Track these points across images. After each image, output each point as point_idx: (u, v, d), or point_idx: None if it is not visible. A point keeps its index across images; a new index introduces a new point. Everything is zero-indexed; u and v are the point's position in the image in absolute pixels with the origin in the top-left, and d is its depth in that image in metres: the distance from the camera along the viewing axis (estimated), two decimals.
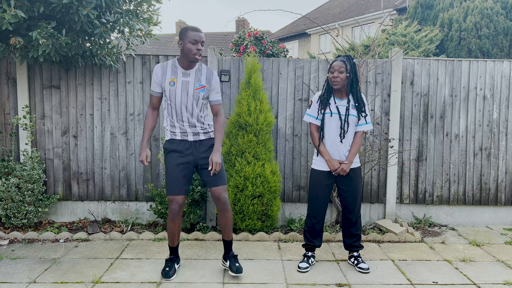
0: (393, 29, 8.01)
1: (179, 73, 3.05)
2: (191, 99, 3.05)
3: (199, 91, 3.07)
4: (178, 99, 3.04)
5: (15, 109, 4.44)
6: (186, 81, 3.05)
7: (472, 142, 4.64)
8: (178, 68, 3.06)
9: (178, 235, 3.28)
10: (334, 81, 3.24)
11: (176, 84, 3.03)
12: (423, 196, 4.68)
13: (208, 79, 3.11)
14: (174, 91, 3.03)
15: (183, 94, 3.04)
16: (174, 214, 3.14)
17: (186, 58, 3.02)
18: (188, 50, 2.96)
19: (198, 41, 2.96)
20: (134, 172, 4.56)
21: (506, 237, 4.32)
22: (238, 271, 3.19)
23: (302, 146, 4.57)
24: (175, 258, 3.34)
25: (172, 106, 3.06)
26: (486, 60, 4.61)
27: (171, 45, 25.26)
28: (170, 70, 3.06)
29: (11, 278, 3.18)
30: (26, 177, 4.14)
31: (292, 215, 4.63)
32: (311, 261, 3.47)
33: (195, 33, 2.96)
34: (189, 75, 3.06)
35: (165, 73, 3.05)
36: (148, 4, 4.10)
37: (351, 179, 3.35)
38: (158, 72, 3.06)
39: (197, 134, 3.12)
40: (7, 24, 3.24)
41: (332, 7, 22.85)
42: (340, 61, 3.24)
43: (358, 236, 3.47)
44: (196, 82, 3.06)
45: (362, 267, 3.38)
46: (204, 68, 3.13)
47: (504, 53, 7.20)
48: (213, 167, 3.00)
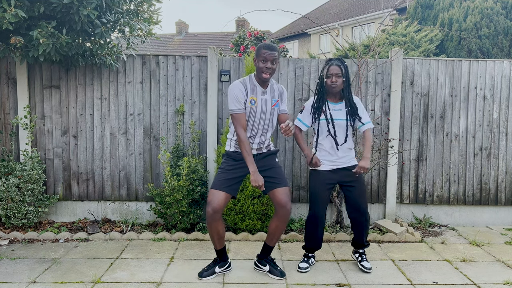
0: (393, 29, 8.01)
1: (259, 92, 3.08)
2: (269, 116, 3.11)
3: (275, 107, 3.15)
4: (257, 117, 3.07)
5: (15, 109, 4.44)
6: (265, 99, 3.09)
7: (472, 142, 4.64)
8: (257, 87, 3.08)
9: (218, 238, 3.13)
10: (333, 86, 3.24)
11: (256, 102, 3.06)
12: (423, 196, 4.68)
13: (280, 94, 3.19)
14: (255, 109, 3.05)
15: (262, 112, 3.08)
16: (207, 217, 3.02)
17: (258, 76, 3.05)
18: (259, 68, 3.00)
19: (267, 59, 2.96)
20: (134, 172, 4.56)
21: (506, 237, 4.32)
22: (282, 274, 3.21)
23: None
24: (218, 260, 3.26)
25: (250, 123, 3.07)
26: (486, 60, 4.61)
27: (171, 45, 25.27)
28: (250, 88, 3.06)
29: (11, 278, 3.18)
30: (26, 177, 4.14)
31: (292, 215, 4.63)
32: (311, 261, 3.46)
33: (265, 51, 2.96)
34: (266, 94, 3.11)
35: (247, 91, 3.04)
36: (148, 4, 4.10)
37: (356, 178, 3.34)
38: (242, 90, 3.02)
39: (261, 148, 3.15)
40: (8, 23, 3.23)
41: (332, 7, 22.85)
42: (336, 66, 3.23)
43: (366, 234, 3.46)
44: (272, 99, 3.13)
45: (365, 265, 3.38)
46: (275, 83, 3.21)
47: (504, 53, 7.20)
48: (286, 126, 2.83)
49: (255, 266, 3.36)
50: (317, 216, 3.32)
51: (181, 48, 24.31)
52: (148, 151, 4.55)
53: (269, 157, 3.19)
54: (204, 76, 4.50)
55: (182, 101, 4.52)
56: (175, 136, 4.52)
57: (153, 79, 4.50)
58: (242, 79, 3.12)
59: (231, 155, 3.14)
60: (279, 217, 3.10)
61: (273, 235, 3.19)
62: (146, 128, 4.52)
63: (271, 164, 3.17)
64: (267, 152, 3.19)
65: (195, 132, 4.48)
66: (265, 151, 3.18)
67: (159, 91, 4.50)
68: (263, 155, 3.17)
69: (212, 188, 3.05)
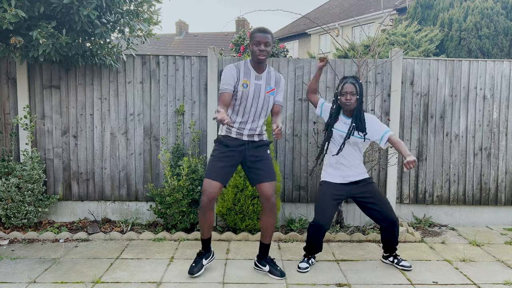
0: (393, 29, 8.01)
1: (252, 76, 3.09)
2: (262, 102, 3.11)
3: (270, 94, 3.14)
4: (249, 102, 3.07)
5: (15, 109, 4.44)
6: (259, 84, 3.09)
7: (472, 142, 4.64)
8: (252, 71, 3.09)
9: (207, 228, 3.20)
10: (347, 104, 3.28)
11: (249, 86, 3.06)
12: (423, 196, 4.68)
13: (277, 82, 3.19)
14: (247, 93, 3.05)
15: (255, 96, 3.08)
16: (202, 205, 3.08)
17: (253, 59, 3.07)
18: (253, 51, 3.03)
19: (260, 42, 2.99)
20: (134, 172, 4.56)
21: (506, 237, 4.32)
22: (282, 274, 3.22)
23: (302, 146, 4.57)
24: (204, 253, 3.28)
25: (240, 107, 3.07)
26: (486, 60, 4.61)
27: (171, 45, 25.27)
28: (243, 71, 3.08)
29: (11, 278, 3.18)
30: (26, 177, 4.14)
31: (292, 215, 4.63)
32: (311, 262, 3.47)
33: (258, 34, 3.00)
34: (261, 79, 3.11)
35: (240, 74, 3.06)
36: (148, 5, 4.11)
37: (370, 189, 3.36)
38: (234, 71, 3.06)
39: (252, 135, 3.15)
40: (8, 23, 3.24)
41: (332, 7, 22.86)
42: (351, 84, 3.28)
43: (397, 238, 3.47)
44: (267, 85, 3.12)
45: (405, 264, 3.42)
46: (272, 71, 3.20)
47: (504, 53, 7.20)
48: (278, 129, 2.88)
49: (255, 266, 3.36)
50: (322, 226, 3.29)
51: (181, 48, 24.32)
52: (148, 151, 4.55)
53: (261, 148, 3.19)
54: (204, 76, 4.50)
55: (182, 101, 4.52)
56: (175, 136, 4.52)
57: (153, 79, 4.50)
58: (237, 62, 3.14)
59: (223, 141, 3.13)
60: (265, 210, 3.17)
61: (265, 231, 3.23)
62: (146, 128, 4.53)
63: (262, 155, 3.18)
64: (259, 141, 3.18)
65: (195, 132, 4.48)
66: (257, 140, 3.16)
67: (159, 91, 4.50)
68: (256, 145, 3.16)
69: (207, 177, 3.08)
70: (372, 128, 3.36)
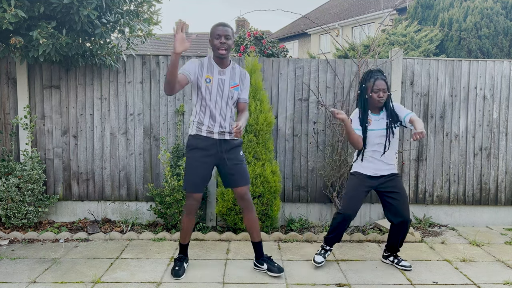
0: (393, 29, 8.01)
1: (215, 71, 3.08)
2: (226, 98, 3.09)
3: (234, 89, 3.12)
4: (213, 97, 3.06)
5: (15, 109, 4.44)
6: (222, 79, 3.09)
7: (472, 142, 4.64)
8: (214, 66, 3.09)
9: (190, 233, 3.31)
10: (381, 101, 3.24)
11: (212, 81, 3.06)
12: (423, 196, 4.68)
13: (241, 78, 3.18)
14: (210, 88, 3.05)
15: (218, 92, 3.07)
16: (191, 210, 3.19)
17: (214, 54, 3.07)
18: (213, 45, 3.03)
19: (221, 35, 2.99)
20: (134, 172, 4.56)
21: (506, 237, 4.32)
22: (280, 270, 3.23)
23: (302, 146, 4.57)
24: (184, 257, 3.34)
25: (207, 103, 3.07)
26: (486, 60, 4.61)
27: (171, 45, 25.23)
28: (206, 67, 3.08)
29: (11, 278, 3.18)
30: (26, 177, 4.14)
31: (292, 215, 4.63)
32: (327, 255, 3.48)
33: (218, 28, 3.01)
34: (224, 74, 3.10)
35: (203, 68, 3.07)
36: (148, 5, 4.11)
37: (397, 184, 3.34)
38: (196, 63, 3.06)
39: (223, 133, 3.13)
40: (8, 23, 3.24)
41: (332, 7, 22.85)
42: (382, 80, 3.23)
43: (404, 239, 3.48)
44: (231, 80, 3.11)
45: (405, 264, 3.43)
46: (237, 67, 3.19)
47: (504, 53, 7.20)
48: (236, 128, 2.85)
49: (254, 266, 3.37)
50: (350, 216, 3.30)
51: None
52: (148, 151, 4.55)
53: (235, 150, 3.19)
54: None
55: (182, 101, 4.52)
56: (175, 136, 4.52)
57: (153, 79, 4.50)
58: (201, 58, 3.15)
59: (194, 145, 3.11)
60: (244, 208, 3.23)
61: (251, 229, 3.26)
62: (146, 128, 4.53)
63: (237, 159, 3.18)
64: (231, 141, 3.17)
65: None
66: (228, 139, 3.15)
67: (159, 91, 4.50)
68: (229, 146, 3.15)
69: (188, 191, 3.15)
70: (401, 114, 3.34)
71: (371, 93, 3.25)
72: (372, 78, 3.25)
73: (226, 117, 3.12)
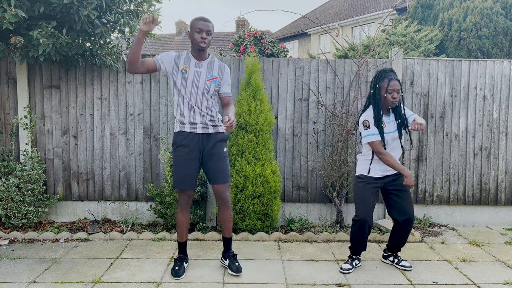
0: (393, 29, 8.01)
1: (192, 63, 3.10)
2: (202, 89, 3.09)
3: (211, 82, 3.12)
4: (188, 88, 3.08)
5: (15, 109, 4.44)
6: (198, 71, 3.10)
7: (472, 142, 4.64)
8: (191, 59, 3.11)
9: (186, 229, 3.31)
10: (395, 102, 3.22)
11: (188, 72, 3.07)
12: (423, 196, 4.68)
13: (220, 71, 3.18)
14: (186, 79, 3.07)
15: (194, 83, 3.08)
16: (183, 206, 3.22)
17: (193, 47, 3.09)
18: (194, 39, 3.04)
19: (202, 30, 3.01)
20: (134, 172, 4.56)
21: (506, 237, 4.32)
22: (238, 270, 3.22)
23: (302, 146, 4.57)
24: (184, 257, 3.34)
25: (184, 95, 3.09)
26: (486, 60, 4.61)
27: (171, 45, 25.27)
28: (183, 59, 3.11)
29: (11, 278, 3.18)
30: (26, 177, 4.14)
31: (292, 215, 4.63)
32: (355, 263, 3.44)
33: (200, 22, 3.02)
34: (201, 66, 3.11)
35: (179, 60, 3.09)
36: (148, 4, 4.11)
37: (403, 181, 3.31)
38: (173, 55, 3.10)
39: (206, 127, 3.14)
40: (8, 23, 3.24)
41: (332, 7, 22.85)
42: (396, 81, 3.20)
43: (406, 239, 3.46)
44: (207, 73, 3.12)
45: (405, 264, 3.43)
46: (216, 61, 3.20)
47: (504, 53, 7.20)
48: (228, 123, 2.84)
49: (220, 260, 3.44)
50: (366, 221, 3.27)
51: (181, 48, 24.31)
52: (148, 151, 4.55)
53: (219, 145, 3.19)
54: None
55: None
56: None
57: (153, 79, 4.50)
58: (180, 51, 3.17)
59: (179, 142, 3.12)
60: (220, 205, 3.27)
61: (224, 225, 3.31)
62: (146, 128, 4.52)
63: (219, 154, 3.17)
64: (215, 134, 3.17)
65: None
66: (212, 132, 3.16)
67: (159, 91, 4.50)
68: (214, 140, 3.16)
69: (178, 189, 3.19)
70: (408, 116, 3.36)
71: (385, 93, 3.21)
72: (386, 78, 3.22)
73: (204, 109, 3.12)
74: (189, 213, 3.30)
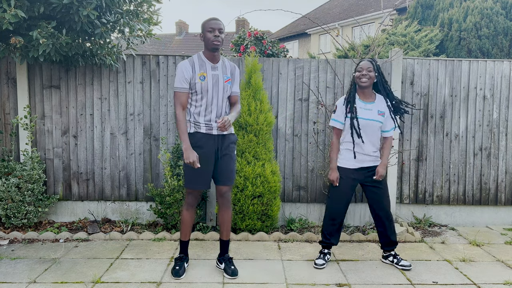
0: (393, 29, 8.01)
1: (208, 67, 3.09)
2: (222, 92, 3.11)
3: (228, 83, 3.14)
4: (210, 93, 3.07)
5: (15, 109, 4.44)
6: (216, 74, 3.10)
7: (472, 142, 4.64)
8: (206, 62, 3.10)
9: (191, 228, 3.30)
10: (363, 79, 3.25)
11: (206, 78, 3.06)
12: (423, 196, 4.68)
13: (232, 71, 3.20)
14: (206, 85, 3.05)
15: (214, 87, 3.07)
16: (190, 205, 3.22)
17: (207, 48, 3.07)
18: (207, 39, 3.03)
19: (215, 29, 3.01)
20: (134, 172, 4.56)
21: (506, 237, 4.32)
22: (233, 273, 3.21)
23: (302, 146, 4.57)
24: (185, 256, 3.34)
25: (203, 100, 3.07)
26: (486, 60, 4.61)
27: (171, 45, 25.26)
28: (198, 65, 3.08)
29: (11, 278, 3.18)
30: (26, 177, 4.14)
31: (292, 215, 4.63)
32: (327, 258, 3.49)
33: (212, 22, 3.02)
34: (217, 69, 3.12)
35: (194, 69, 3.07)
36: (148, 5, 4.10)
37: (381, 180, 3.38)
38: (189, 68, 3.05)
39: None
40: (7, 23, 3.23)
41: (332, 7, 22.85)
42: (367, 61, 3.29)
43: (394, 232, 3.48)
44: (224, 75, 3.13)
45: (404, 264, 3.43)
46: (226, 61, 3.22)
47: (504, 53, 7.20)
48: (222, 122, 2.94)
49: (216, 263, 3.42)
50: (337, 214, 3.36)
51: (181, 48, 24.31)
52: (148, 151, 4.55)
53: (232, 146, 3.21)
54: None
55: None
56: (175, 136, 4.52)
57: (153, 79, 4.50)
58: (190, 57, 3.15)
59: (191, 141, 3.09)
60: (221, 205, 3.26)
61: (222, 227, 3.30)
62: (146, 128, 4.52)
63: (230, 155, 3.20)
64: (229, 136, 3.18)
65: None
66: (226, 133, 3.17)
67: (159, 91, 4.50)
68: (227, 140, 3.17)
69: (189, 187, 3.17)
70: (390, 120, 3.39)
71: (354, 73, 3.32)
72: (358, 62, 3.35)
73: (223, 111, 3.14)
74: (195, 213, 3.29)
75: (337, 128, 3.39)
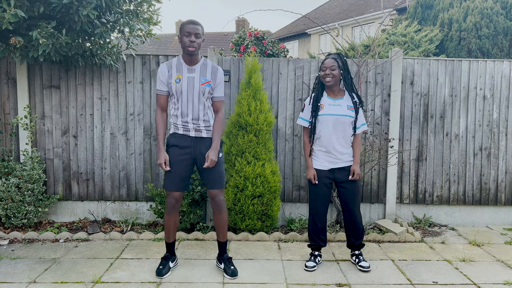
0: (393, 29, 8.01)
1: (184, 70, 3.09)
2: (197, 95, 3.08)
3: (205, 86, 3.10)
4: (184, 95, 3.07)
5: (15, 109, 4.44)
6: (192, 77, 3.08)
7: (472, 142, 4.64)
8: (183, 65, 3.10)
9: (174, 231, 3.30)
10: (327, 78, 3.28)
11: (182, 80, 3.06)
12: (423, 196, 4.68)
13: (213, 74, 3.14)
14: (180, 87, 3.06)
15: (189, 90, 3.06)
16: (170, 208, 3.21)
17: (184, 52, 3.07)
18: (183, 42, 3.02)
19: (191, 33, 2.98)
20: (134, 172, 4.56)
21: (506, 237, 4.32)
22: (233, 274, 3.21)
23: (302, 146, 4.57)
24: (169, 256, 3.34)
25: (178, 102, 3.09)
26: (486, 60, 4.61)
27: (171, 45, 25.26)
28: (175, 67, 3.09)
29: (11, 278, 3.18)
30: (26, 177, 4.14)
31: (292, 215, 4.63)
32: (318, 260, 3.48)
33: (188, 26, 3.00)
34: (194, 71, 3.09)
35: (171, 71, 3.08)
36: (148, 4, 4.10)
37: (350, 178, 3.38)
38: (164, 71, 3.08)
39: (199, 130, 3.14)
40: (7, 23, 3.23)
41: (332, 7, 22.85)
42: (331, 59, 3.30)
43: (359, 234, 3.47)
44: (201, 77, 3.10)
45: (362, 265, 3.39)
46: (209, 63, 3.16)
47: (504, 53, 7.20)
48: (208, 163, 3.04)
49: (216, 263, 3.42)
50: (318, 214, 3.39)
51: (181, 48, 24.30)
52: (148, 151, 4.55)
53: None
54: None
55: None
56: None
57: (153, 79, 4.50)
58: (170, 60, 3.18)
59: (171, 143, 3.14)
60: (214, 208, 3.25)
61: (218, 229, 3.29)
62: (146, 128, 4.52)
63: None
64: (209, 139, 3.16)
65: None
66: (205, 136, 3.16)
67: None
68: (208, 144, 3.15)
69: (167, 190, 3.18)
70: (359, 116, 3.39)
71: (320, 72, 3.33)
72: (323, 60, 3.36)
73: (200, 113, 3.11)
74: (178, 216, 3.28)
75: (305, 127, 3.44)
